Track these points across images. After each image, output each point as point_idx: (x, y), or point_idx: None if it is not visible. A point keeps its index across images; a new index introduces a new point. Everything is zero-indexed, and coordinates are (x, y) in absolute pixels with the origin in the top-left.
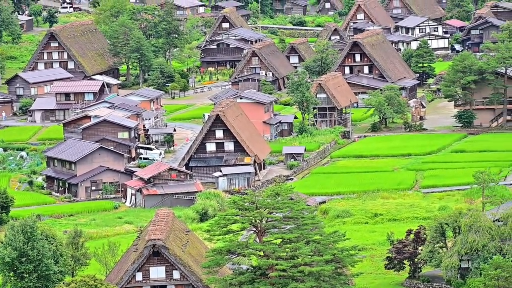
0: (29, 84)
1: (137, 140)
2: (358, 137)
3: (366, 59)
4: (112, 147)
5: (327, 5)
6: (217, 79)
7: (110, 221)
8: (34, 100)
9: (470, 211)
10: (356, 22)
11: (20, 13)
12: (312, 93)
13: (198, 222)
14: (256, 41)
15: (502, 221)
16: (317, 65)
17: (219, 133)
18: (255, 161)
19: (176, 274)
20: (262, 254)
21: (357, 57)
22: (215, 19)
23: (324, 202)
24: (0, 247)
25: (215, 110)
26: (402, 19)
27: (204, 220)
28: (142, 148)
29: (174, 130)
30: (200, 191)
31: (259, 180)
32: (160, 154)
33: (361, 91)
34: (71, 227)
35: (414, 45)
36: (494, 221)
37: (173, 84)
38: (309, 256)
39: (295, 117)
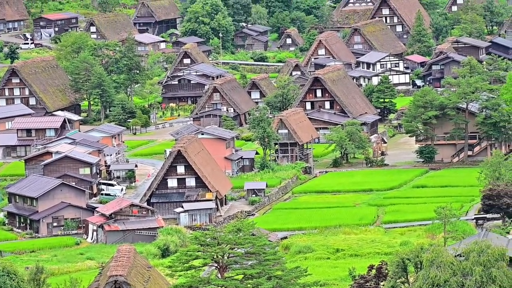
0: None
1: (98, 176)
2: (319, 172)
3: (327, 94)
4: (74, 183)
5: (288, 41)
6: (179, 115)
7: (71, 257)
8: None
9: (431, 246)
10: (317, 58)
11: None
12: (274, 129)
13: (160, 258)
14: (217, 77)
15: (463, 256)
16: (278, 101)
17: (180, 169)
18: (216, 197)
19: None
20: None
21: (318, 93)
22: (176, 54)
23: (285, 237)
24: None
25: (176, 146)
26: (363, 54)
27: (166, 256)
28: (103, 184)
29: (136, 166)
30: (162, 227)
31: (221, 215)
32: (122, 190)
33: (322, 127)
34: (33, 263)
35: (375, 81)
36: (455, 256)
37: (135, 120)
38: None
39: (257, 153)
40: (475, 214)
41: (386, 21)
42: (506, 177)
